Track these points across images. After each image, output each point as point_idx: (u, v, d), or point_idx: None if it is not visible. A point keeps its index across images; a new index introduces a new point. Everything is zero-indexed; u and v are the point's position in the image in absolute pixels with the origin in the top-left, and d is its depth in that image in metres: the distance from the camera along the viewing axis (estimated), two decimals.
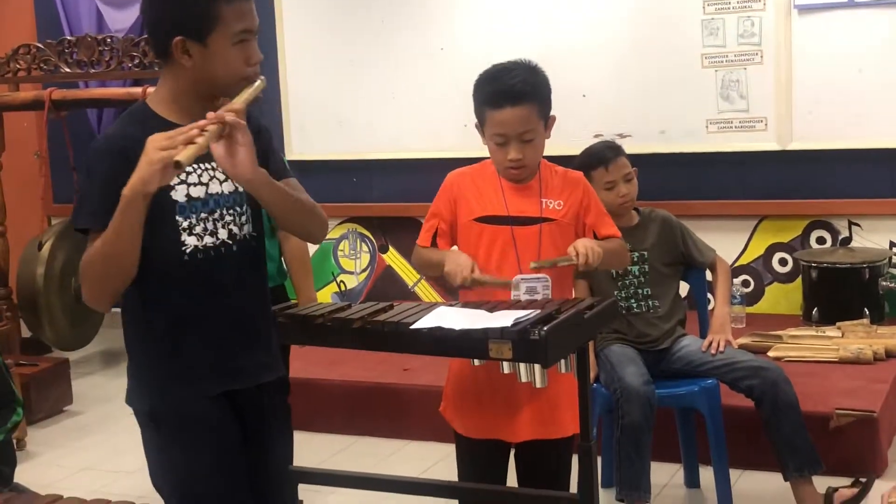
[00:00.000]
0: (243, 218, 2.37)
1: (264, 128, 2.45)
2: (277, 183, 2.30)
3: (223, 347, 2.35)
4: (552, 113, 2.93)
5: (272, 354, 2.47)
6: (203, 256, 2.30)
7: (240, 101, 2.23)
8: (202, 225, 2.30)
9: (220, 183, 2.34)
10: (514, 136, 2.84)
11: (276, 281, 3.60)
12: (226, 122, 2.13)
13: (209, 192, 2.32)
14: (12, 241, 5.59)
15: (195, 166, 2.28)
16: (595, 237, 2.94)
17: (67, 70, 5.35)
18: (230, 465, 2.38)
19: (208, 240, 2.30)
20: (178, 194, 2.27)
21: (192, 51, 2.24)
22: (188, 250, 2.28)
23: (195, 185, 2.30)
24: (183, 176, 2.26)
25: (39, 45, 5.44)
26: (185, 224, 2.28)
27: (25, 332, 5.81)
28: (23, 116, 6.15)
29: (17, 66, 5.42)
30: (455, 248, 2.96)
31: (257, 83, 2.30)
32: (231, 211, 2.35)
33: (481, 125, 2.91)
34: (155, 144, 2.08)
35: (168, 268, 2.29)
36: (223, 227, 2.33)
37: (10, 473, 3.75)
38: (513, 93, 2.82)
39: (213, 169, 2.31)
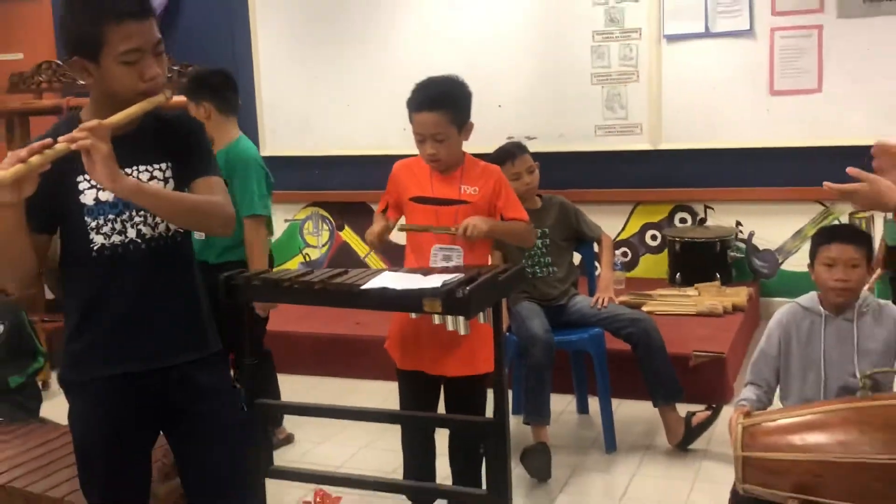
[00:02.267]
0: (157, 218, 2.09)
1: (195, 128, 2.21)
2: (151, 190, 2.02)
3: (122, 333, 2.09)
4: (471, 121, 2.88)
5: (189, 340, 2.17)
6: (110, 253, 2.06)
7: (116, 117, 1.96)
8: (110, 225, 2.06)
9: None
10: (428, 135, 2.81)
11: (236, 255, 3.49)
12: (74, 141, 1.86)
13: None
14: None
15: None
16: (503, 219, 2.94)
17: (81, 82, 5.23)
18: (113, 441, 2.10)
19: (116, 238, 2.06)
20: (87, 198, 2.05)
21: (89, 69, 2.02)
22: (95, 247, 2.05)
23: (104, 189, 2.01)
24: (94, 182, 1.99)
25: (58, 62, 5.33)
26: (93, 224, 2.05)
27: (49, 295, 5.69)
28: (45, 120, 6.02)
29: (40, 79, 5.31)
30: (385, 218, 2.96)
31: (153, 98, 2.02)
32: (142, 212, 2.07)
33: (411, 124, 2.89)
34: None
35: (79, 262, 2.08)
36: (132, 226, 2.07)
37: (37, 408, 3.69)
38: (429, 100, 2.80)
39: (156, 169, 2.08)
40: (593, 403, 4.00)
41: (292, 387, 4.49)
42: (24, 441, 2.88)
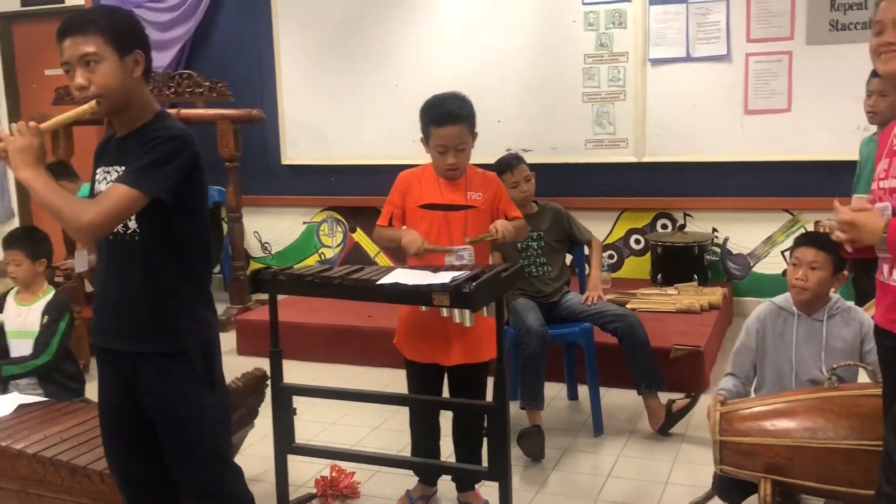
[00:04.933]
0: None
1: (155, 140, 2.00)
2: (27, 181, 1.91)
3: (97, 313, 2.13)
4: (476, 131, 2.92)
5: (143, 331, 2.06)
6: (104, 244, 2.08)
7: (47, 123, 1.96)
8: None
9: (107, 184, 2.02)
10: (452, 146, 2.82)
11: None
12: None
13: (97, 191, 2.07)
14: None
15: (102, 169, 2.02)
16: (506, 218, 2.96)
17: None
18: (105, 402, 2.16)
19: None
20: (99, 188, 2.05)
21: None
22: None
23: (100, 182, 2.06)
24: (100, 176, 2.07)
25: None
26: None
27: (89, 288, 5.69)
28: (87, 129, 6.03)
29: None
30: (404, 227, 2.95)
31: (79, 108, 1.99)
32: None
33: (427, 139, 2.89)
34: None
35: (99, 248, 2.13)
36: None
37: (80, 389, 3.70)
38: (452, 115, 2.81)
39: (117, 171, 2.02)
40: (583, 391, 4.00)
41: (306, 373, 4.52)
42: (69, 419, 2.89)
